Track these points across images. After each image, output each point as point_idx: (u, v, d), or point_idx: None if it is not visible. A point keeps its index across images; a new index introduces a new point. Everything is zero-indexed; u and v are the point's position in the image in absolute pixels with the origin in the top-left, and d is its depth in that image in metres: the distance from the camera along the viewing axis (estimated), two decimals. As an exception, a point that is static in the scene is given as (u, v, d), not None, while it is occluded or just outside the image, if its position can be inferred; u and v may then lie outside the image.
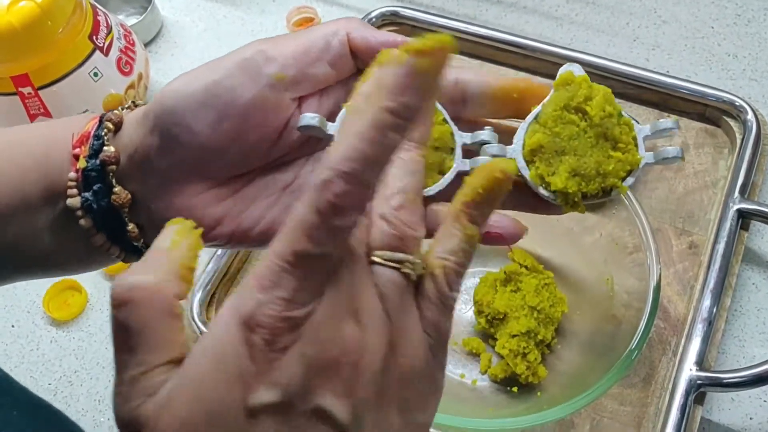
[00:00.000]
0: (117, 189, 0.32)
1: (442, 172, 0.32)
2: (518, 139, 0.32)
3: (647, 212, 0.62)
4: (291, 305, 0.22)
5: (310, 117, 0.31)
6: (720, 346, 0.58)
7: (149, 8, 0.81)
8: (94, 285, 0.68)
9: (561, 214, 0.33)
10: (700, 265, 0.61)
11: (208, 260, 0.64)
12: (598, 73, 0.72)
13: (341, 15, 0.85)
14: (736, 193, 0.62)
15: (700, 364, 0.55)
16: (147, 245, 0.33)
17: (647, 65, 0.75)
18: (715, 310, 0.57)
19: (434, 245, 0.25)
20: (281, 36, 0.32)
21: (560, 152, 0.31)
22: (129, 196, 0.32)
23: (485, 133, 0.32)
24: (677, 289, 0.61)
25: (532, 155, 0.32)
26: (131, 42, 0.74)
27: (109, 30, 0.71)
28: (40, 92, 0.67)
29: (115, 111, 0.33)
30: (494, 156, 0.32)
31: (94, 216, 0.32)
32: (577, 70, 0.32)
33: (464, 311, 0.61)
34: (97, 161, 0.32)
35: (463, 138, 0.32)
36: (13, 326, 0.67)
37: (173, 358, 0.23)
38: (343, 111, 0.32)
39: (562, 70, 0.32)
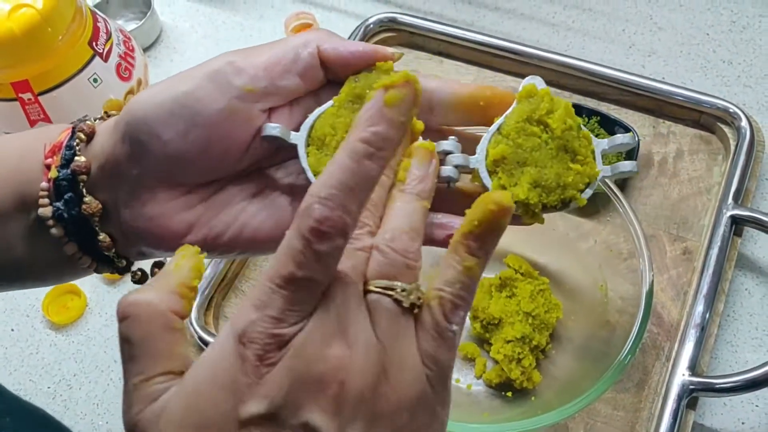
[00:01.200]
0: (87, 198, 0.32)
1: None
2: (481, 149, 0.32)
3: (642, 218, 0.63)
4: (279, 323, 0.23)
5: (272, 127, 0.31)
6: (713, 351, 0.59)
7: (148, 14, 0.82)
8: (93, 289, 0.69)
9: (522, 225, 0.33)
10: (693, 270, 0.62)
11: (206, 266, 0.65)
12: (593, 80, 0.73)
13: (339, 21, 0.85)
14: (730, 200, 0.63)
15: (693, 369, 0.55)
16: (118, 255, 0.34)
17: (643, 72, 0.75)
18: (708, 315, 0.58)
19: (434, 278, 0.26)
20: (251, 48, 0.32)
21: (522, 163, 0.32)
22: (99, 205, 0.33)
23: (449, 143, 0.32)
24: (671, 294, 0.61)
25: (494, 166, 0.32)
26: (131, 48, 0.74)
27: (109, 36, 0.71)
28: (40, 98, 0.68)
29: (88, 121, 0.33)
30: (457, 166, 0.32)
31: (65, 225, 0.33)
32: (540, 83, 0.33)
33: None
34: (68, 171, 0.32)
35: None
36: (12, 330, 0.67)
37: (172, 369, 0.25)
38: (307, 119, 0.32)
39: (525, 83, 0.33)
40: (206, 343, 0.60)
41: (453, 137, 0.32)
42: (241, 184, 0.34)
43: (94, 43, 0.69)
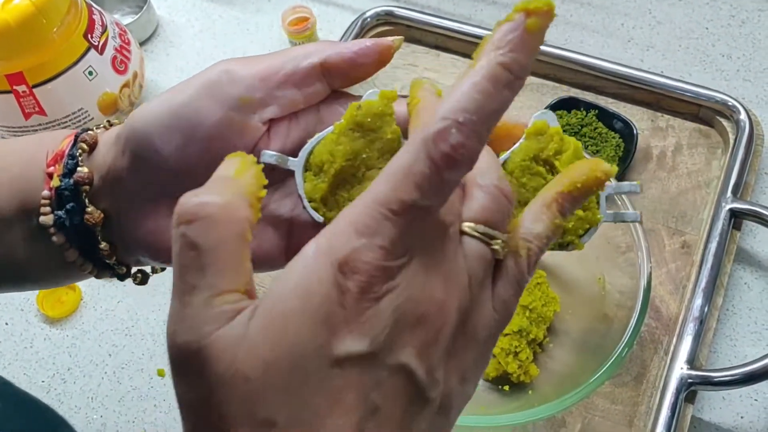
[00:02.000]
0: (90, 209, 0.32)
1: None
2: None
3: (640, 212, 0.62)
4: (389, 255, 0.21)
5: (269, 155, 0.31)
6: (711, 345, 0.58)
7: (145, 7, 0.82)
8: (88, 283, 0.69)
9: None
10: (692, 264, 0.62)
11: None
12: (592, 74, 0.73)
13: (336, 15, 0.85)
14: (729, 193, 0.62)
15: (692, 362, 0.55)
16: (119, 263, 0.34)
17: (642, 65, 0.75)
18: (706, 309, 0.57)
19: (519, 226, 0.25)
20: (251, 57, 0.32)
21: (524, 203, 0.30)
22: (101, 215, 0.32)
23: None
24: (669, 288, 0.61)
25: None
26: (126, 41, 0.74)
27: (104, 29, 0.71)
28: (34, 90, 0.67)
29: (90, 131, 0.33)
30: None
31: (67, 233, 0.32)
32: (552, 120, 0.31)
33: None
34: (71, 181, 0.32)
35: None
36: (6, 324, 0.67)
37: (242, 287, 0.22)
38: (306, 145, 0.31)
39: (536, 118, 0.31)
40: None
41: None
42: None
43: (89, 36, 0.69)
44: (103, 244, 0.32)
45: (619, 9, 0.82)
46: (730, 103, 0.67)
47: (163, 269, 0.36)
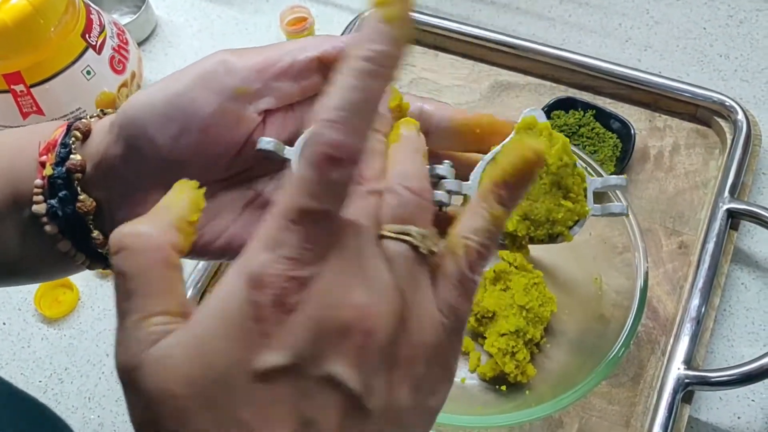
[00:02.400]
0: (82, 197, 0.32)
1: None
2: (475, 176, 0.32)
3: (638, 212, 0.62)
4: (297, 264, 0.21)
5: (266, 141, 0.31)
6: (709, 345, 0.58)
7: (143, 7, 0.82)
8: (86, 283, 0.69)
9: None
10: (689, 264, 0.62)
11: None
12: (589, 73, 0.73)
13: (335, 15, 0.85)
14: (726, 193, 0.62)
15: (689, 363, 0.55)
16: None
17: (639, 66, 0.75)
18: (703, 309, 0.57)
19: (457, 224, 0.25)
20: (248, 48, 0.32)
21: None
22: (94, 203, 0.32)
23: (443, 168, 0.31)
24: (667, 288, 0.61)
25: None
26: (124, 41, 0.74)
27: (102, 28, 0.71)
28: (32, 90, 0.67)
29: (83, 120, 0.33)
30: (450, 191, 0.31)
31: (59, 223, 0.32)
32: (540, 116, 0.32)
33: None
34: (63, 169, 0.32)
35: None
36: (4, 324, 0.67)
37: (171, 309, 0.23)
38: (303, 135, 0.31)
39: (525, 114, 0.32)
40: (198, 337, 0.60)
41: (447, 161, 0.32)
42: (233, 192, 0.33)
43: (87, 35, 0.69)
44: (95, 233, 0.32)
45: (616, 9, 0.82)
46: (727, 104, 0.67)
47: None
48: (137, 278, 0.23)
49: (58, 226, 0.32)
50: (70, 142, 0.32)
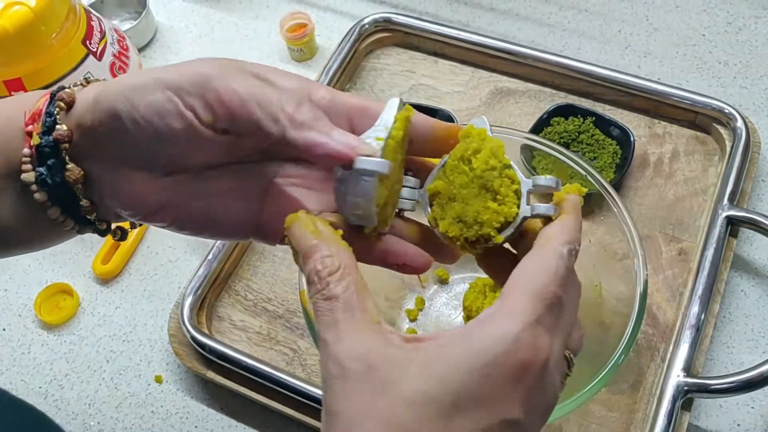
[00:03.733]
0: (70, 166, 0.33)
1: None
2: (428, 183, 0.36)
3: (637, 219, 0.62)
4: (552, 339, 0.29)
5: (367, 162, 0.31)
6: (708, 352, 0.58)
7: (143, 13, 0.82)
8: (86, 289, 0.69)
9: (455, 260, 0.37)
10: (689, 271, 0.62)
11: (199, 265, 0.64)
12: (589, 80, 0.73)
13: (335, 21, 0.85)
14: (726, 201, 0.63)
15: (688, 370, 0.55)
16: (99, 219, 0.35)
17: (639, 72, 0.75)
18: (703, 316, 0.57)
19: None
20: (259, 72, 0.32)
21: (452, 198, 0.34)
22: (81, 173, 0.33)
23: (410, 180, 0.36)
24: (666, 295, 0.61)
25: (432, 199, 0.36)
26: (125, 47, 0.74)
27: (103, 35, 0.71)
28: (33, 96, 0.67)
29: (67, 89, 0.33)
30: (408, 199, 0.36)
31: (49, 190, 0.33)
32: (478, 124, 0.35)
33: (453, 317, 0.61)
34: (51, 138, 0.32)
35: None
36: (3, 330, 0.67)
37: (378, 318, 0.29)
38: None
39: (471, 122, 0.35)
40: (198, 343, 0.60)
41: (411, 174, 0.37)
42: (223, 176, 0.35)
43: (87, 42, 0.69)
44: (84, 201, 0.34)
45: (616, 16, 0.82)
46: (726, 111, 0.68)
47: (140, 224, 0.37)
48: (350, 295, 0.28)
49: (48, 194, 0.33)
50: (55, 111, 0.33)
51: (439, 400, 0.26)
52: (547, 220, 0.34)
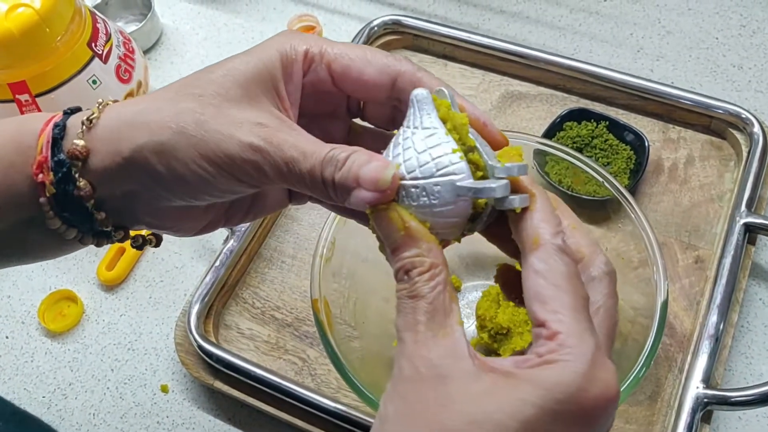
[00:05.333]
0: (96, 214, 0.33)
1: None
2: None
3: (652, 226, 0.61)
4: None
5: (516, 200, 0.30)
6: (727, 363, 0.57)
7: (149, 15, 0.81)
8: (91, 296, 0.67)
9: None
10: (706, 280, 0.60)
11: (206, 272, 0.63)
12: (601, 84, 0.72)
13: (343, 23, 0.84)
14: (743, 207, 0.61)
15: (707, 381, 0.54)
16: (116, 227, 0.34)
17: (651, 76, 0.74)
18: (722, 326, 0.56)
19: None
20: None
21: None
22: (105, 216, 0.33)
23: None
24: (683, 304, 0.60)
25: None
26: (130, 49, 0.73)
27: (108, 37, 0.70)
28: (37, 99, 0.66)
29: (75, 141, 0.32)
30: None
31: (66, 221, 0.33)
32: (441, 95, 0.32)
33: (466, 325, 0.60)
34: (69, 188, 0.32)
35: None
36: (7, 337, 0.66)
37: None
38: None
39: (435, 92, 0.32)
40: (205, 352, 0.59)
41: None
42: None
43: (93, 44, 0.68)
44: (99, 215, 0.33)
45: (628, 19, 0.81)
46: (743, 116, 0.66)
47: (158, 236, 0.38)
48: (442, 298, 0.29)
49: (67, 225, 0.33)
50: (66, 164, 0.31)
51: (503, 426, 0.26)
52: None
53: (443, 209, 0.29)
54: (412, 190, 0.29)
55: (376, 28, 0.77)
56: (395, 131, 0.32)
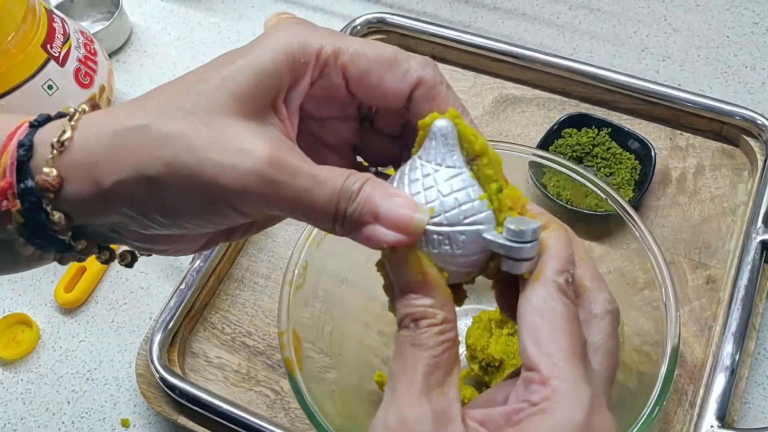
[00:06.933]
0: (77, 245, 0.29)
1: None
2: None
3: (659, 242, 0.56)
4: None
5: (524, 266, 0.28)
6: (743, 395, 0.52)
7: (116, 14, 0.75)
8: (47, 320, 0.62)
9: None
10: (719, 302, 0.55)
11: (171, 295, 0.58)
12: (603, 87, 0.66)
13: (324, 22, 0.79)
14: (760, 223, 0.56)
15: (722, 419, 0.48)
16: (100, 248, 0.31)
17: (657, 78, 0.69)
18: (737, 356, 0.51)
19: None
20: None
21: None
22: (84, 245, 0.29)
23: None
24: (693, 330, 0.54)
25: None
26: (92, 51, 0.68)
27: (67, 38, 0.64)
28: (-13, 106, 0.61)
29: (45, 169, 0.27)
30: None
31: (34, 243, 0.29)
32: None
33: (455, 355, 0.55)
34: (43, 217, 0.27)
35: None
36: (-46, 367, 0.60)
37: None
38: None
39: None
40: (168, 385, 0.53)
41: None
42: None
43: (48, 46, 0.62)
44: (81, 244, 0.29)
45: (631, 16, 0.76)
46: (758, 122, 0.61)
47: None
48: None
49: (40, 248, 0.29)
50: (31, 185, 0.27)
51: None
52: None
53: (464, 259, 0.28)
54: (434, 236, 0.27)
55: (359, 27, 0.72)
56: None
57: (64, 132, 0.27)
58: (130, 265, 0.33)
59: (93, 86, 0.66)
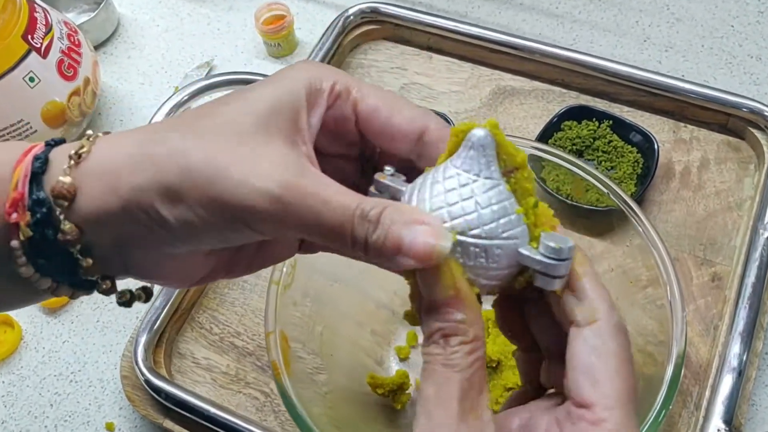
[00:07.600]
0: (82, 261, 0.28)
1: None
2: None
3: (663, 238, 0.54)
4: None
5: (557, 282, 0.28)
6: (750, 397, 0.50)
7: (102, 4, 0.73)
8: (30, 320, 0.60)
9: None
10: (725, 301, 0.53)
11: (156, 294, 0.56)
12: (604, 78, 0.64)
13: (316, 12, 0.77)
14: (767, 217, 0.54)
15: (729, 422, 0.47)
16: (103, 277, 0.30)
17: (660, 68, 0.67)
18: (745, 356, 0.49)
19: None
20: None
21: None
22: (92, 262, 0.29)
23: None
24: (699, 329, 0.52)
25: None
26: (76, 42, 0.65)
27: (49, 28, 0.62)
28: (-34, 99, 0.59)
29: (60, 178, 0.27)
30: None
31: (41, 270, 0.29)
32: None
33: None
34: (49, 232, 0.27)
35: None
36: (-68, 369, 0.58)
37: None
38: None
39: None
40: (154, 388, 0.52)
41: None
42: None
43: (29, 37, 0.60)
44: (87, 262, 0.29)
45: (633, 5, 0.74)
46: (765, 113, 0.59)
47: (147, 291, 0.34)
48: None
49: (41, 273, 0.29)
50: (46, 197, 0.27)
51: None
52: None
53: (497, 273, 0.27)
54: (471, 249, 0.27)
55: (352, 17, 0.70)
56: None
57: (82, 146, 0.28)
58: (128, 303, 0.32)
59: (77, 79, 0.64)
